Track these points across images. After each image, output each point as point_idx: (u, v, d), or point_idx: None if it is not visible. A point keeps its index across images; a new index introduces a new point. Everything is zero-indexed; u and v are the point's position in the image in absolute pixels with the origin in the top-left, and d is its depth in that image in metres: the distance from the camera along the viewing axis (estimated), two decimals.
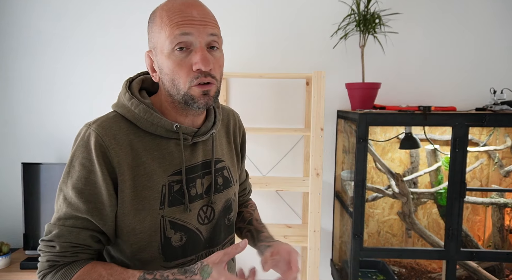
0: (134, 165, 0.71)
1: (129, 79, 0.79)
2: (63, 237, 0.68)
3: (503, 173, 2.00)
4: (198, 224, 0.77)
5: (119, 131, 0.71)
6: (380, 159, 1.97)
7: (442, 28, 2.02)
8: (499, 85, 1.99)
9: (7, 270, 1.88)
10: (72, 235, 0.68)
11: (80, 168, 0.69)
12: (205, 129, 0.79)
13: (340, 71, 2.07)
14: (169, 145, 0.75)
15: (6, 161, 2.16)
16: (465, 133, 1.59)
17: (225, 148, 0.87)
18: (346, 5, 1.95)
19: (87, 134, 0.70)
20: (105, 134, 0.69)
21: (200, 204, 0.78)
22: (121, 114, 0.74)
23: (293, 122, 2.14)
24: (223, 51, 0.77)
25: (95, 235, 0.71)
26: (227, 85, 2.12)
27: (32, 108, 2.13)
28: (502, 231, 1.96)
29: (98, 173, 0.68)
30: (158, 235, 0.73)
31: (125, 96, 0.75)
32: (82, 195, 0.69)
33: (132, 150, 0.71)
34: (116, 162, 0.69)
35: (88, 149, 0.69)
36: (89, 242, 0.70)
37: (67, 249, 0.69)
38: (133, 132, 0.73)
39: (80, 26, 2.08)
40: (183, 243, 0.75)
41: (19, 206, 2.14)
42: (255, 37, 2.08)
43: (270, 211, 2.20)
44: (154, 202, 0.72)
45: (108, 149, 0.68)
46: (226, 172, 0.85)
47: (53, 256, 0.69)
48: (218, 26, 0.73)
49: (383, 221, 2.19)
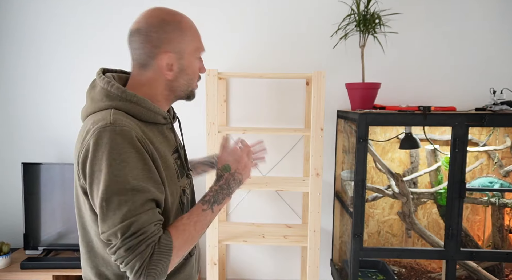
0: (154, 150, 0.81)
1: (106, 77, 0.84)
2: (146, 221, 0.73)
3: (503, 173, 2.00)
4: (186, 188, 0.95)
5: (134, 124, 0.79)
6: (380, 159, 1.97)
7: (442, 28, 2.03)
8: (499, 86, 2.00)
9: (7, 270, 1.88)
10: (150, 217, 0.75)
11: (134, 161, 0.74)
12: (174, 115, 1.00)
13: (340, 71, 2.07)
14: (164, 130, 0.91)
15: (6, 161, 2.16)
16: (465, 133, 1.60)
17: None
18: (346, 5, 1.95)
19: (119, 131, 0.74)
20: (132, 128, 0.77)
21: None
22: (122, 110, 0.80)
23: (293, 122, 2.14)
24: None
25: (159, 210, 0.80)
26: (227, 85, 2.12)
27: (33, 109, 2.14)
28: (502, 231, 1.97)
29: (149, 159, 0.78)
30: (178, 201, 0.89)
31: (123, 94, 0.81)
32: (147, 180, 0.76)
33: (147, 138, 0.81)
34: (149, 149, 0.79)
35: (132, 144, 0.75)
36: (160, 217, 0.79)
37: (153, 229, 0.74)
38: (140, 124, 0.82)
39: (82, 26, 2.08)
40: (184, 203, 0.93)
41: (19, 206, 2.14)
42: (255, 37, 2.08)
43: (270, 211, 2.20)
44: (174, 177, 0.87)
45: (142, 139, 0.78)
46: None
47: (149, 239, 0.73)
48: None
49: (383, 221, 2.19)
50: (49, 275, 1.86)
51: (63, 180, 1.99)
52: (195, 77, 0.93)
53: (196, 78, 0.93)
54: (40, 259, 1.93)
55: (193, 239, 0.82)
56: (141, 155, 0.76)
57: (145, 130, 0.81)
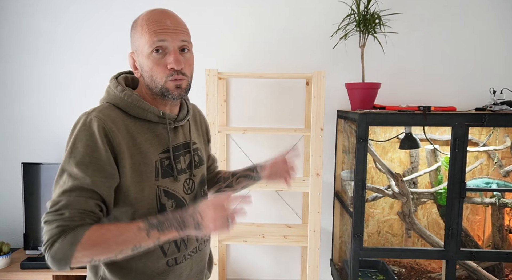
0: (131, 145, 0.84)
1: (115, 76, 0.94)
2: (71, 205, 0.76)
3: (503, 173, 2.00)
4: (183, 193, 0.94)
5: (116, 117, 0.84)
6: (380, 159, 1.97)
7: (442, 28, 2.03)
8: (499, 86, 1.99)
9: (7, 270, 1.88)
10: (80, 202, 0.77)
11: (84, 148, 0.79)
12: (182, 116, 0.97)
13: (340, 71, 2.07)
14: (158, 128, 0.91)
15: (6, 161, 2.16)
16: (465, 133, 1.60)
17: (195, 134, 1.05)
18: (346, 5, 1.95)
19: (89, 120, 0.81)
20: (106, 119, 0.81)
21: (184, 177, 0.95)
22: (113, 105, 0.87)
23: (293, 122, 2.14)
24: (193, 53, 0.94)
25: (99, 203, 0.80)
26: (227, 85, 2.12)
27: (32, 109, 2.14)
28: (502, 230, 1.97)
29: (102, 151, 0.79)
30: (155, 202, 0.87)
31: (117, 89, 0.88)
32: (87, 170, 0.78)
33: (128, 132, 0.85)
34: (117, 142, 0.81)
35: (91, 132, 0.79)
36: (94, 209, 0.79)
37: (75, 215, 0.76)
38: (127, 119, 0.87)
39: (82, 26, 2.08)
40: (173, 209, 0.91)
41: (19, 206, 2.14)
42: (255, 37, 2.08)
43: (270, 211, 2.20)
44: (150, 175, 0.87)
45: (109, 131, 0.81)
46: (199, 152, 1.03)
47: (62, 221, 0.75)
48: (189, 33, 0.91)
49: (383, 221, 2.19)
50: (49, 275, 1.86)
51: None
52: (155, 73, 0.85)
53: (159, 74, 0.85)
54: (40, 259, 1.93)
55: (106, 249, 0.75)
56: (95, 146, 0.79)
57: (129, 124, 0.86)
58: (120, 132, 0.83)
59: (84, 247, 0.73)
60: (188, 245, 0.95)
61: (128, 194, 0.84)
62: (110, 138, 0.80)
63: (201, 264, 1.01)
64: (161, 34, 0.83)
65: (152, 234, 0.78)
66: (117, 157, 0.81)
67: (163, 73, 0.85)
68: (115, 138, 0.81)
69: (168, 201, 0.90)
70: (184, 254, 0.94)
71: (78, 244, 0.73)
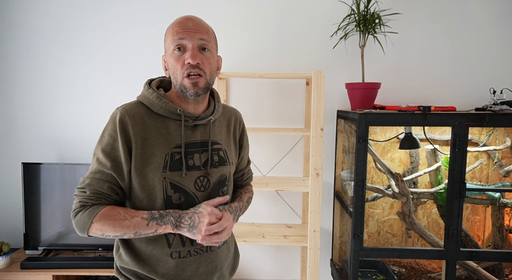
0: (146, 137, 0.93)
1: (150, 79, 1.03)
2: (92, 185, 0.92)
3: (503, 173, 2.00)
4: (195, 189, 0.97)
5: (137, 113, 0.94)
6: (380, 159, 1.97)
7: (442, 28, 2.03)
8: (499, 85, 2.00)
9: (7, 270, 1.88)
10: (99, 185, 0.92)
11: (108, 137, 0.92)
12: (204, 116, 1.00)
13: (340, 71, 2.07)
14: (174, 124, 0.97)
15: (6, 161, 2.16)
16: (465, 133, 1.60)
17: (224, 135, 1.07)
18: (346, 5, 1.95)
19: (115, 114, 0.93)
20: (127, 113, 0.93)
21: (197, 174, 0.98)
22: (141, 101, 0.97)
23: (293, 122, 2.14)
24: (218, 55, 1.01)
25: (115, 188, 0.93)
26: (227, 85, 2.12)
27: (33, 109, 2.14)
28: (502, 230, 1.97)
29: (119, 141, 0.91)
30: (161, 192, 0.94)
31: (144, 88, 0.99)
32: (108, 156, 0.91)
33: (146, 126, 0.94)
34: (132, 134, 0.91)
35: (114, 124, 0.92)
36: (110, 192, 0.93)
37: (94, 195, 0.92)
38: (148, 114, 0.95)
39: (82, 27, 2.08)
40: (181, 202, 0.96)
41: (19, 206, 2.14)
42: (255, 37, 2.08)
43: (270, 211, 2.20)
44: (159, 166, 0.93)
45: (127, 124, 0.92)
46: (222, 152, 1.05)
47: (84, 198, 0.92)
48: (210, 34, 0.96)
49: (383, 221, 2.19)
50: (49, 275, 1.86)
51: (63, 180, 1.99)
52: (175, 70, 0.93)
53: (178, 70, 0.93)
54: (40, 259, 1.93)
55: (113, 228, 0.89)
56: (116, 136, 0.91)
57: (148, 119, 0.94)
58: (138, 126, 0.92)
59: (97, 222, 0.88)
60: (194, 242, 0.97)
61: (137, 181, 0.93)
62: (127, 130, 0.91)
63: (212, 265, 1.01)
64: (181, 33, 0.91)
65: (151, 225, 0.90)
66: (131, 146, 0.91)
67: (181, 69, 0.92)
68: (131, 131, 0.91)
69: (175, 194, 0.95)
70: (189, 249, 0.97)
71: (94, 218, 0.88)
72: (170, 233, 0.94)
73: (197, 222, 0.91)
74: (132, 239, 0.97)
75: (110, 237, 0.91)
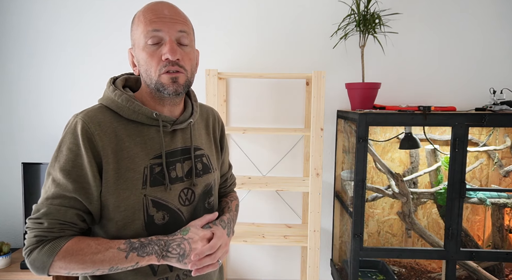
0: (118, 149, 0.78)
1: (114, 78, 0.88)
2: (51, 214, 0.74)
3: (503, 173, 2.00)
4: (179, 205, 0.84)
5: (103, 119, 0.78)
6: (380, 159, 1.97)
7: (442, 28, 2.03)
8: (499, 85, 2.00)
9: (7, 270, 1.88)
10: (60, 213, 0.74)
11: (67, 152, 0.75)
12: (183, 119, 0.87)
13: (340, 71, 2.07)
14: (150, 131, 0.82)
15: (6, 161, 2.16)
16: (465, 133, 1.60)
17: (204, 139, 0.95)
18: (346, 5, 1.95)
19: (74, 123, 0.77)
20: (91, 122, 0.76)
21: (181, 186, 0.85)
22: (106, 106, 0.82)
23: (293, 122, 2.14)
24: (196, 49, 0.88)
25: (81, 214, 0.77)
26: (227, 85, 2.12)
27: (32, 108, 2.14)
28: (502, 230, 1.97)
29: (84, 156, 0.75)
30: (141, 213, 0.79)
31: (109, 89, 0.83)
32: (69, 176, 0.74)
33: (116, 136, 0.78)
34: (101, 146, 0.76)
35: (75, 135, 0.76)
36: (75, 220, 0.76)
37: (54, 226, 0.74)
38: (117, 121, 0.80)
39: (80, 26, 2.08)
40: (166, 222, 0.82)
41: (19, 206, 2.14)
42: (255, 37, 2.08)
43: (270, 211, 2.20)
44: (137, 182, 0.78)
45: (93, 134, 0.76)
46: (205, 159, 0.93)
47: (40, 231, 0.74)
48: (189, 24, 0.83)
49: (383, 221, 2.19)
50: None
51: None
52: (150, 66, 0.78)
53: (153, 67, 0.78)
54: None
55: (83, 265, 0.72)
56: (78, 150, 0.75)
57: (118, 127, 0.79)
58: (106, 135, 0.76)
59: (61, 260, 0.72)
60: None
61: (109, 202, 0.77)
62: (93, 142, 0.75)
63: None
64: (156, 23, 0.76)
65: (131, 257, 0.74)
66: (101, 161, 0.76)
67: (157, 65, 0.78)
68: (99, 142, 0.75)
69: (158, 213, 0.80)
70: (177, 274, 0.84)
71: (55, 255, 0.72)
72: None
73: (188, 250, 0.77)
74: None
75: (77, 275, 0.75)
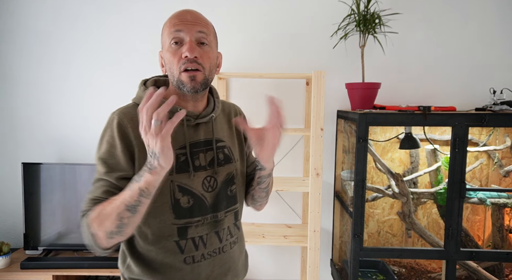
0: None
1: (144, 80, 0.99)
2: (92, 192, 0.86)
3: (503, 173, 2.00)
4: (203, 190, 0.94)
5: (135, 115, 0.88)
6: (380, 159, 1.97)
7: (442, 28, 2.03)
8: (499, 85, 2.00)
9: (7, 270, 1.88)
10: (97, 191, 0.86)
11: (106, 144, 0.88)
12: (206, 114, 0.97)
13: (340, 71, 2.07)
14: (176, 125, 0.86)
15: (6, 161, 2.16)
16: (465, 133, 1.60)
17: (226, 132, 1.04)
18: (346, 5, 1.95)
19: (112, 118, 0.89)
20: (125, 117, 0.88)
21: (204, 174, 0.95)
22: (138, 104, 0.92)
23: (293, 122, 2.14)
24: (219, 52, 0.98)
25: (112, 190, 0.85)
26: (227, 85, 2.12)
27: (32, 108, 2.14)
28: (502, 230, 1.97)
29: (119, 146, 0.86)
30: (168, 196, 0.90)
31: (140, 89, 0.96)
32: (105, 164, 0.87)
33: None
34: (133, 137, 0.87)
35: (112, 129, 0.88)
36: (105, 195, 0.85)
37: (90, 202, 0.85)
38: None
39: (79, 26, 2.08)
40: (190, 205, 0.92)
41: (19, 206, 2.14)
42: (255, 37, 2.08)
43: (270, 211, 2.20)
44: None
45: (127, 127, 0.87)
46: (227, 150, 1.01)
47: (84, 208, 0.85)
48: (209, 27, 0.92)
49: (383, 221, 2.19)
50: (49, 275, 1.86)
51: (63, 180, 1.99)
52: (172, 65, 0.88)
53: (175, 65, 0.87)
54: (40, 259, 1.92)
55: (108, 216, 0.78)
56: (114, 142, 0.87)
57: None
58: (137, 128, 0.80)
59: (94, 222, 0.80)
60: (208, 244, 0.95)
61: None
62: (127, 134, 0.87)
63: (225, 266, 0.99)
64: (178, 25, 0.87)
65: (133, 186, 0.77)
66: (134, 150, 0.87)
67: (178, 63, 0.87)
68: (131, 134, 0.87)
69: (183, 197, 0.91)
70: (202, 252, 0.94)
71: (90, 222, 0.81)
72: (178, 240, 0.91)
73: (155, 151, 0.73)
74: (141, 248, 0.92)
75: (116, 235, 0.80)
